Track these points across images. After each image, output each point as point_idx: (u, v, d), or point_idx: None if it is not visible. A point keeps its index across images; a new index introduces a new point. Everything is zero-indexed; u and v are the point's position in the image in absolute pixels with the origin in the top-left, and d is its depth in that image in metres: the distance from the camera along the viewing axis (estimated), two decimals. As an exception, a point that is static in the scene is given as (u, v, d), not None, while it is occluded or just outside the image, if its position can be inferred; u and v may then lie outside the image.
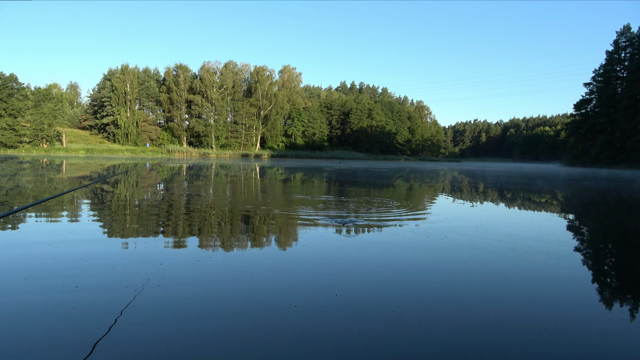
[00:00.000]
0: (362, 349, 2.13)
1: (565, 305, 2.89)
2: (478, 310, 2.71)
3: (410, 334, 2.33)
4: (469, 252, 4.34)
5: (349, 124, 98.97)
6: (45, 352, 2.03)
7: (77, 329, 2.26)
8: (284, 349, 2.11)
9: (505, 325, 2.49)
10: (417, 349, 2.16)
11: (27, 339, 2.17)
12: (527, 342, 2.26)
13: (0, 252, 3.92)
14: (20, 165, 22.42)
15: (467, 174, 27.42)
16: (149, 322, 2.38)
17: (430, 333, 2.35)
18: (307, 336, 2.27)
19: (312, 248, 4.37)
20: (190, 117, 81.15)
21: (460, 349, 2.17)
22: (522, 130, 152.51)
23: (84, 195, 8.90)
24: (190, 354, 2.04)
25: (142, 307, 2.58)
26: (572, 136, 73.44)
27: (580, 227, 6.93)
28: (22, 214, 6.10)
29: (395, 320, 2.50)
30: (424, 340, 2.26)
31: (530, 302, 2.91)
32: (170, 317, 2.46)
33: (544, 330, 2.43)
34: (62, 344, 2.12)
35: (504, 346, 2.22)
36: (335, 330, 2.35)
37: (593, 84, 67.57)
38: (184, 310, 2.58)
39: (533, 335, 2.35)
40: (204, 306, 2.64)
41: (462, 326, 2.45)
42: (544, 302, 2.92)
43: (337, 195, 10.24)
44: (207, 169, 23.96)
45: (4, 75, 59.51)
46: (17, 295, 2.77)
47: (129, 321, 2.37)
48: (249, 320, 2.44)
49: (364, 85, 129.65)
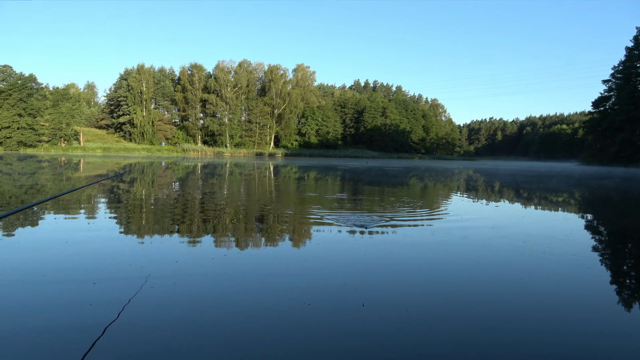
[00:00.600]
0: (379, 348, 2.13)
1: (601, 308, 2.84)
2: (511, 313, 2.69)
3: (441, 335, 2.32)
4: (488, 252, 4.31)
5: (362, 122, 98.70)
6: (61, 334, 2.19)
7: (89, 315, 2.41)
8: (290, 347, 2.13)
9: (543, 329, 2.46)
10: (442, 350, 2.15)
11: (47, 322, 2.33)
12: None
13: (24, 245, 4.01)
14: (39, 164, 22.85)
15: (482, 172, 27.15)
16: (154, 312, 2.50)
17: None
18: (320, 335, 2.28)
19: (331, 248, 4.38)
20: (204, 116, 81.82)
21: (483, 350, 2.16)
22: (538, 129, 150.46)
23: (102, 193, 9.04)
24: (193, 339, 2.08)
25: (148, 298, 2.70)
26: (590, 134, 72.09)
27: (597, 226, 6.82)
28: (37, 209, 6.23)
29: (413, 319, 2.49)
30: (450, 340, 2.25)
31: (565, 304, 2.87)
32: (177, 308, 2.54)
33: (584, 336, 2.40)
34: (77, 326, 2.27)
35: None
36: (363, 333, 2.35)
37: (612, 81, 66.10)
38: (191, 300, 2.66)
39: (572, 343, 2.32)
40: (212, 297, 2.68)
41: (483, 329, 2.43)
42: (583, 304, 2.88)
43: (358, 194, 10.23)
44: (222, 168, 24.13)
45: (23, 75, 60.70)
46: (37, 285, 2.85)
47: (136, 308, 2.51)
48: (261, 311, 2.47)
49: (378, 84, 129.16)
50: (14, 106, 58.36)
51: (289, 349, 2.11)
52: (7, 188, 9.75)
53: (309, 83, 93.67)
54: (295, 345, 2.15)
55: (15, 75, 60.27)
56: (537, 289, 3.17)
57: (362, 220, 5.92)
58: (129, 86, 76.08)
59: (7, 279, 3.09)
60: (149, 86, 77.35)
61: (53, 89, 69.29)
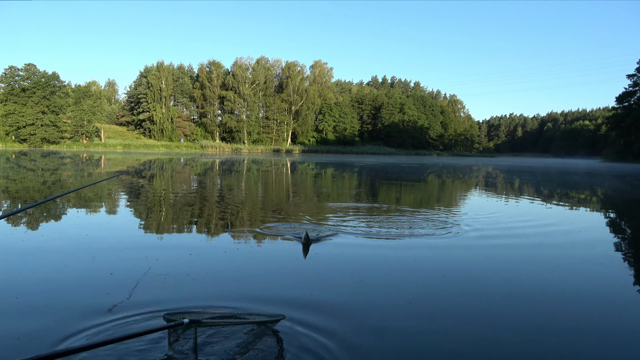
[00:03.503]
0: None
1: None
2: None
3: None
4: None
5: (380, 118, 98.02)
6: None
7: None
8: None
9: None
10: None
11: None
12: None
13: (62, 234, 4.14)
14: (62, 160, 23.36)
15: (501, 170, 26.75)
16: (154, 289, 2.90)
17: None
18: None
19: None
20: (222, 113, 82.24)
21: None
22: (560, 125, 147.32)
23: (124, 188, 9.22)
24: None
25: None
26: (613, 130, 70.06)
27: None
28: (59, 200, 6.39)
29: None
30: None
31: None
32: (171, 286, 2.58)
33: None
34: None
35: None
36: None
37: (637, 75, 64.13)
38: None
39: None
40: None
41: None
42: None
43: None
44: (240, 164, 24.30)
45: (46, 73, 61.92)
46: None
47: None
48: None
49: (396, 80, 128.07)
50: (38, 104, 59.56)
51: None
52: (34, 183, 9.99)
53: (327, 79, 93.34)
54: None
55: (39, 73, 61.45)
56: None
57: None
58: (148, 83, 76.83)
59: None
60: (168, 83, 78.00)
61: (75, 86, 70.38)
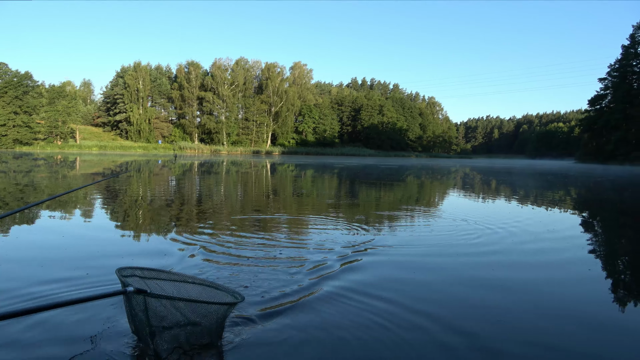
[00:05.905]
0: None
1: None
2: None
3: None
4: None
5: (359, 120, 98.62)
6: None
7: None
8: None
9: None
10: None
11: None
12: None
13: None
14: (35, 162, 22.77)
15: (478, 170, 27.21)
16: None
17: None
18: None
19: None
20: (201, 114, 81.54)
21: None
22: (535, 127, 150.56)
23: (102, 193, 9.03)
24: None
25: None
26: (586, 132, 71.90)
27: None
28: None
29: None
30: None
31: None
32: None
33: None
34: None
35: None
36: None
37: (608, 79, 66.01)
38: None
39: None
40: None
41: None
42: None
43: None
44: (219, 166, 24.09)
45: (19, 73, 60.32)
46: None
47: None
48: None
49: (375, 82, 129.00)
50: (10, 104, 57.95)
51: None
52: (8, 188, 9.70)
53: (306, 81, 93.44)
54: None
55: (11, 72, 59.83)
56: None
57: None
58: (125, 84, 75.57)
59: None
60: (146, 84, 76.89)
61: (49, 86, 68.79)
